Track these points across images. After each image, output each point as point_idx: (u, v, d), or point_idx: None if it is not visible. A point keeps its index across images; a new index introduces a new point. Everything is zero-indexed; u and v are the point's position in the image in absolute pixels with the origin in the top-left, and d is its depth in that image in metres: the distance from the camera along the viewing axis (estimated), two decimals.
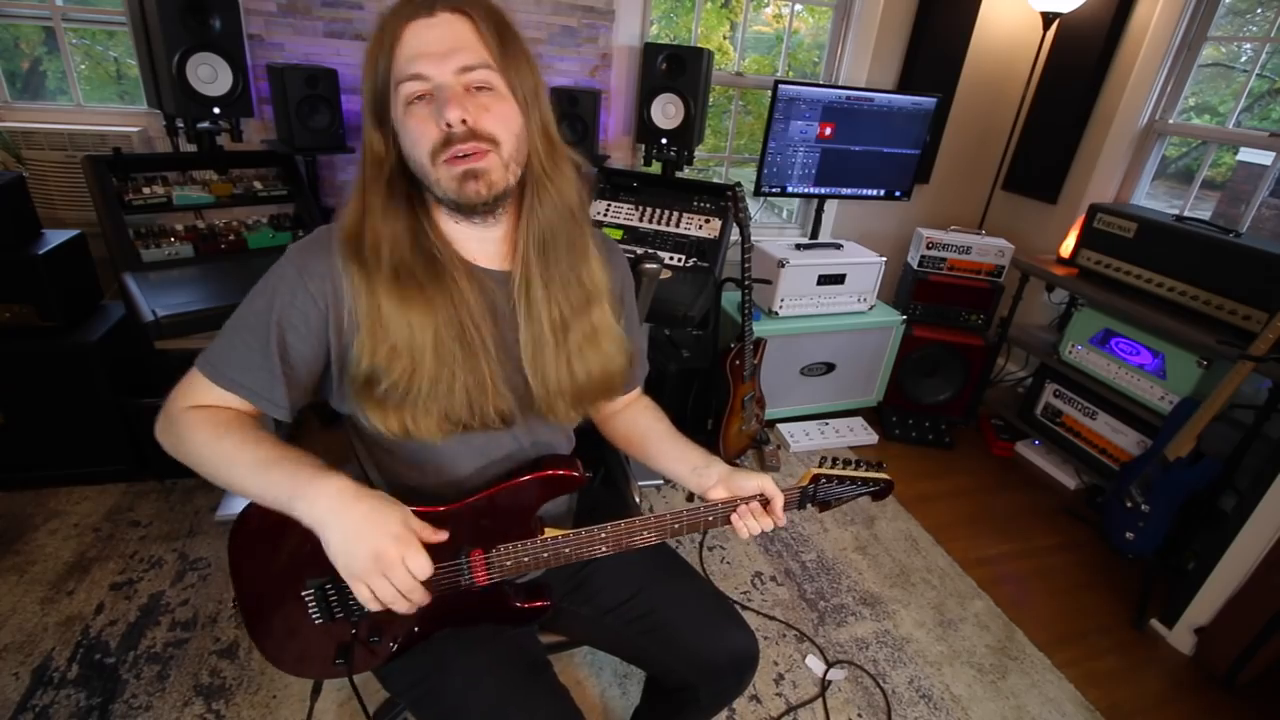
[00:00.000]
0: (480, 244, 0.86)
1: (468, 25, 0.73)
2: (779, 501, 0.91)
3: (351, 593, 0.74)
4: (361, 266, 0.78)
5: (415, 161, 0.76)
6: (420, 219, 0.82)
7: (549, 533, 0.87)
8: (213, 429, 0.77)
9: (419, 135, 0.74)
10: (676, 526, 0.90)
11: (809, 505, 0.99)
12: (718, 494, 0.93)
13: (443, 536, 0.78)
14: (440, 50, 0.72)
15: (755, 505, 0.91)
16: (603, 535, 0.87)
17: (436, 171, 0.75)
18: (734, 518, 0.91)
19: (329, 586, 0.82)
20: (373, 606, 0.73)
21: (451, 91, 0.72)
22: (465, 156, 0.74)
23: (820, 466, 0.98)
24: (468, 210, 0.79)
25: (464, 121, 0.73)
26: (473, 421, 0.82)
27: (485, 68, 0.74)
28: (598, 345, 0.90)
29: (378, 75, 0.74)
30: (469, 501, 0.84)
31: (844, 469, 0.98)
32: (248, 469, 0.75)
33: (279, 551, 0.82)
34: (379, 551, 0.71)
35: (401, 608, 0.74)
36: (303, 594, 0.83)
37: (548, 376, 0.87)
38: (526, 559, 0.86)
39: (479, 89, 0.74)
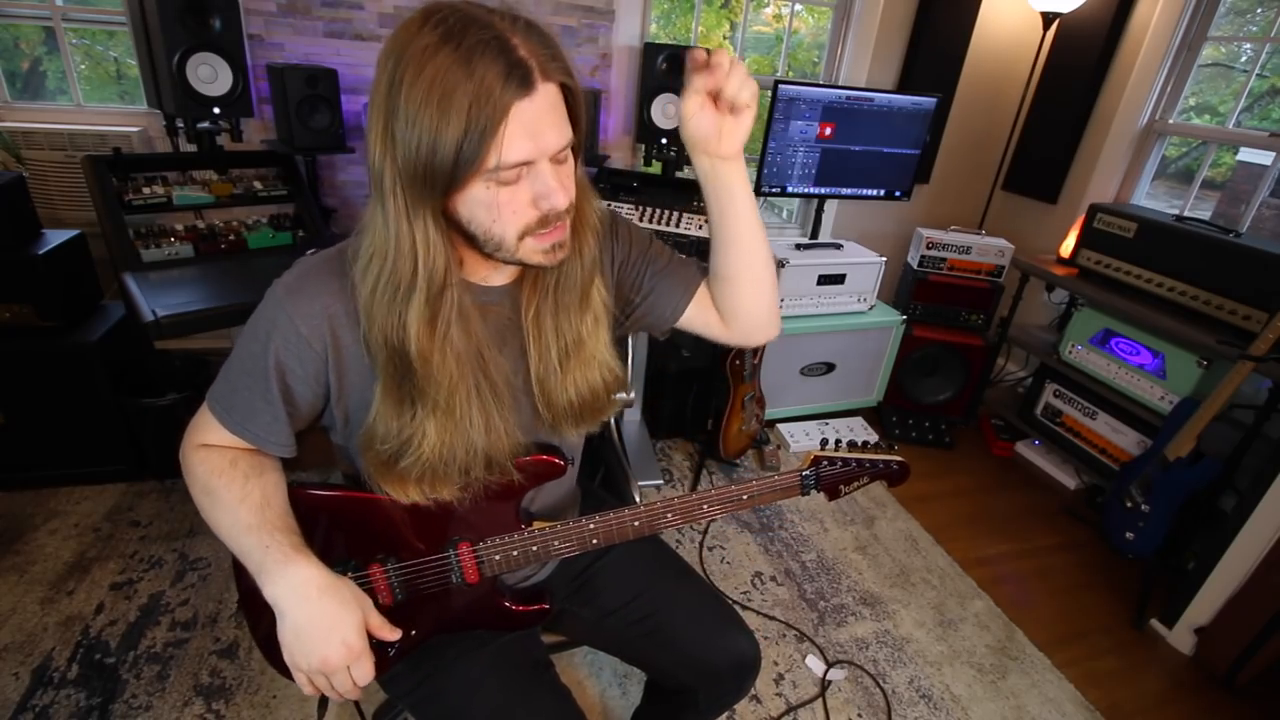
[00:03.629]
0: (487, 265, 0.80)
1: (559, 97, 0.68)
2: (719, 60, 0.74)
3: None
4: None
5: (491, 236, 0.70)
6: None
7: (536, 525, 0.86)
8: (206, 479, 0.77)
9: (510, 217, 0.68)
10: (669, 516, 0.88)
11: (814, 491, 0.92)
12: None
13: (396, 635, 0.80)
14: (541, 132, 0.66)
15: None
16: (591, 526, 0.87)
17: (520, 244, 0.71)
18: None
19: None
20: (307, 691, 0.76)
21: (552, 177, 0.68)
22: (553, 230, 0.72)
23: (823, 449, 0.93)
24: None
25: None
26: (490, 475, 0.80)
27: (570, 144, 0.70)
28: (593, 367, 0.87)
29: (459, 149, 0.62)
30: None
31: (848, 450, 0.93)
32: (228, 530, 0.75)
33: None
34: (325, 657, 0.73)
35: (335, 697, 0.77)
36: None
37: (554, 402, 0.85)
38: (515, 552, 0.86)
39: (561, 163, 0.71)
